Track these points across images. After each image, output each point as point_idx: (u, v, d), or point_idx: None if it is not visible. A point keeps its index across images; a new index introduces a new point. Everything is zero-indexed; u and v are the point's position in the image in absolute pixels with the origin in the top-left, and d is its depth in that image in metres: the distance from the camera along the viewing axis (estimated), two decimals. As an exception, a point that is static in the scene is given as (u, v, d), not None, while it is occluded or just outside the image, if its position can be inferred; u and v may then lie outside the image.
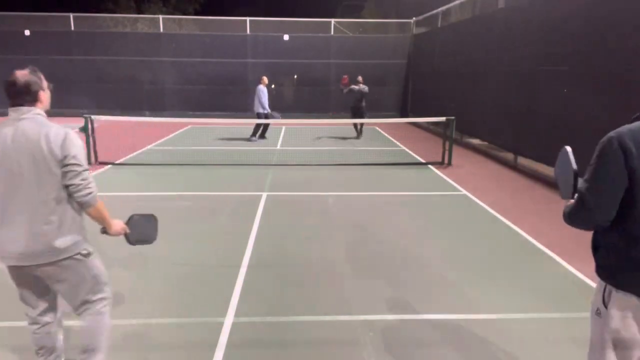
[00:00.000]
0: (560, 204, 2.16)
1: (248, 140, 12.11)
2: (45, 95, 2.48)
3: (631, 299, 1.87)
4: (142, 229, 2.71)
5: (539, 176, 8.18)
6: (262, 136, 12.35)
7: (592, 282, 4.13)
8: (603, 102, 6.52)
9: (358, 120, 12.59)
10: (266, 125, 12.30)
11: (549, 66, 7.95)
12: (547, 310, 3.62)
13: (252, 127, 12.50)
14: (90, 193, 2.36)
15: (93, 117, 9.09)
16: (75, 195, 2.32)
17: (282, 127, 14.77)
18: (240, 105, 16.49)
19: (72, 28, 17.01)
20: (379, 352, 3.07)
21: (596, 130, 6.85)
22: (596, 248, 2.07)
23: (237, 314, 3.50)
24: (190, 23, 19.72)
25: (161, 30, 17.37)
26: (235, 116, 13.98)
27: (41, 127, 2.30)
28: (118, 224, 2.62)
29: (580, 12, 7.15)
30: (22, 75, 2.42)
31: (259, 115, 11.76)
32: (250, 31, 17.18)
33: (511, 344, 3.18)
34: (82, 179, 2.32)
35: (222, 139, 12.50)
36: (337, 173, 8.49)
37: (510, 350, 3.12)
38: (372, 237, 5.17)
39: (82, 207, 2.40)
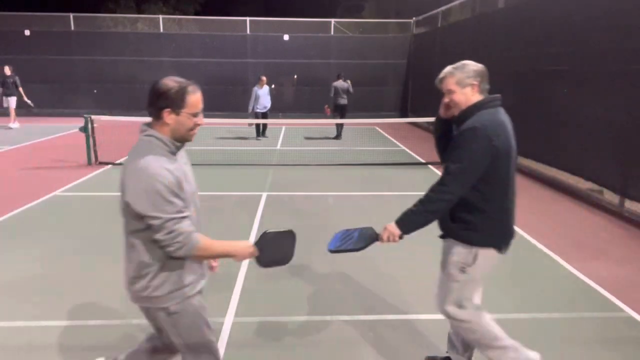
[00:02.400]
0: (561, 204, 2.17)
1: (256, 139, 12.38)
2: (171, 116, 1.89)
3: (492, 252, 2.42)
4: (276, 248, 2.23)
5: (539, 176, 8.17)
6: (259, 135, 12.53)
7: (593, 282, 4.13)
8: (603, 102, 6.52)
9: (340, 121, 12.47)
10: (260, 124, 12.43)
11: (548, 66, 7.95)
12: (547, 310, 3.62)
13: (253, 127, 12.56)
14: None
15: (93, 117, 9.09)
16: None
17: (282, 127, 14.77)
18: (240, 105, 16.44)
19: (72, 28, 17.00)
20: (379, 352, 3.07)
21: (596, 130, 6.89)
22: (459, 220, 2.40)
23: (237, 314, 3.50)
24: (190, 23, 19.71)
25: (161, 30, 17.38)
26: (235, 116, 13.96)
27: (133, 153, 1.89)
28: (244, 249, 2.04)
29: (580, 12, 7.15)
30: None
31: (256, 115, 12.05)
32: (250, 31, 17.18)
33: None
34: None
35: (222, 139, 12.51)
36: (337, 173, 8.49)
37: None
38: (372, 237, 5.16)
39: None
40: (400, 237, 2.43)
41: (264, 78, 12.12)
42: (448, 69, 2.40)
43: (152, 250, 1.89)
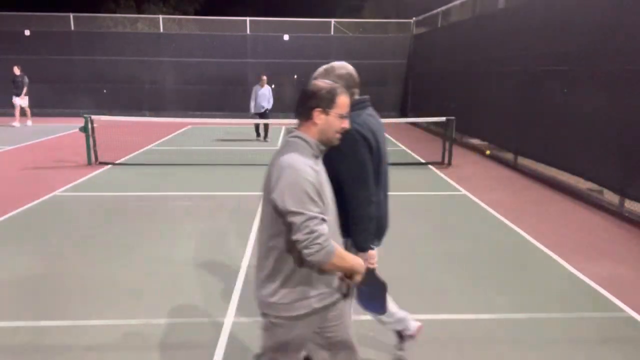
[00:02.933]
0: (561, 204, 2.17)
1: (256, 138, 12.33)
2: (321, 116, 1.88)
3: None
4: (372, 289, 2.34)
5: (539, 176, 8.17)
6: (258, 135, 12.41)
7: (592, 282, 4.13)
8: (603, 102, 6.52)
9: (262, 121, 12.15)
10: (258, 124, 12.26)
11: (549, 66, 7.95)
12: (547, 310, 3.62)
13: (252, 127, 12.52)
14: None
15: (93, 117, 9.09)
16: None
17: (282, 127, 14.78)
18: (240, 105, 16.46)
19: (72, 28, 17.01)
20: (380, 352, 3.07)
21: (596, 130, 6.89)
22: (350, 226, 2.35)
23: (237, 314, 3.50)
24: (190, 23, 19.70)
25: (161, 30, 17.38)
26: (235, 116, 13.98)
27: (279, 154, 1.87)
28: (362, 269, 1.96)
29: (580, 12, 7.15)
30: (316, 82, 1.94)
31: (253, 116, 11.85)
32: (250, 31, 17.18)
33: (511, 344, 3.18)
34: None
35: (222, 139, 12.51)
36: (337, 173, 8.48)
37: (510, 350, 3.11)
38: (372, 237, 5.15)
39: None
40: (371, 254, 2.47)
41: (264, 77, 11.82)
42: (316, 72, 2.40)
43: (288, 256, 1.85)
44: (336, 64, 2.41)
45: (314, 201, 1.74)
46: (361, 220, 2.32)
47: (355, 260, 1.91)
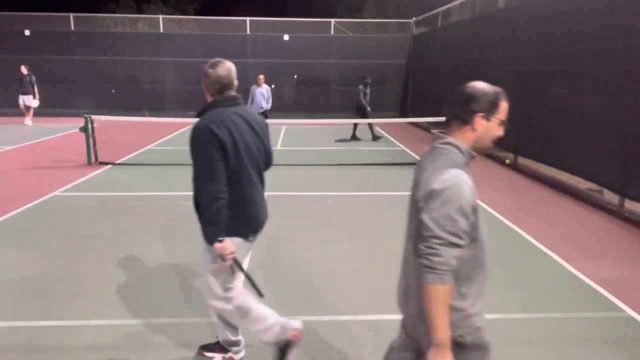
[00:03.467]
0: (561, 204, 2.16)
1: None
2: (482, 122, 1.72)
3: (238, 240, 2.56)
4: None
5: (539, 176, 8.17)
6: None
7: (592, 282, 4.13)
8: (604, 102, 6.52)
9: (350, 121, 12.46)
10: None
11: (548, 66, 7.95)
12: (547, 310, 3.62)
13: None
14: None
15: (93, 117, 9.09)
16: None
17: (282, 127, 14.78)
18: (247, 105, 16.47)
19: (72, 28, 17.01)
20: (379, 352, 3.06)
21: (596, 130, 6.88)
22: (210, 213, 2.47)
23: (237, 314, 3.50)
24: (190, 23, 19.71)
25: (161, 30, 17.38)
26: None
27: (431, 163, 1.72)
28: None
29: (580, 12, 7.15)
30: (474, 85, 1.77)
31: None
32: (250, 31, 17.18)
33: (511, 344, 3.18)
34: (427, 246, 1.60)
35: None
36: (337, 173, 8.49)
37: (510, 350, 3.11)
38: (372, 237, 5.17)
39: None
40: (225, 248, 2.50)
41: (260, 77, 11.56)
42: (206, 65, 2.53)
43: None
44: (221, 61, 2.50)
45: (452, 219, 1.58)
46: (207, 214, 2.41)
47: (446, 330, 1.61)
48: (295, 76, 17.15)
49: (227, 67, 2.50)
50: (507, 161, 9.70)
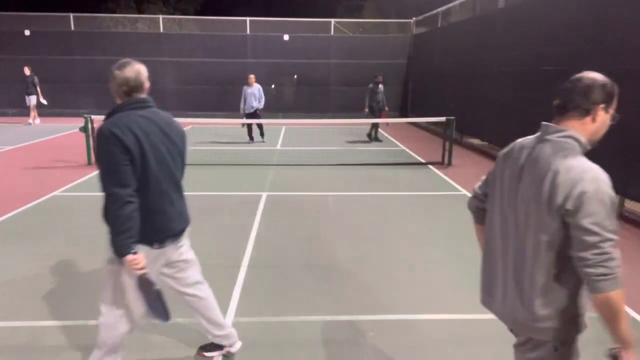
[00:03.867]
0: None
1: (248, 142, 12.02)
2: (601, 113, 1.66)
3: (145, 248, 2.44)
4: None
5: (539, 176, 8.16)
6: (251, 138, 11.98)
7: (592, 282, 4.12)
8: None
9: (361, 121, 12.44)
10: (249, 126, 11.94)
11: (548, 66, 7.95)
12: (547, 310, 3.62)
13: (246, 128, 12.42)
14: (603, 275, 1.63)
15: (93, 117, 9.09)
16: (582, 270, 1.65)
17: (282, 127, 14.78)
18: (240, 105, 16.49)
19: (72, 28, 17.01)
20: (379, 352, 3.07)
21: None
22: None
23: (237, 314, 3.50)
24: (190, 23, 19.71)
25: (161, 30, 17.37)
26: (235, 116, 13.95)
27: (555, 157, 1.63)
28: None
29: (579, 11, 7.15)
30: (588, 78, 1.68)
31: (247, 116, 11.52)
32: (250, 31, 17.18)
33: (511, 344, 3.17)
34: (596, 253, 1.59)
35: (222, 139, 12.50)
36: (337, 173, 8.49)
37: (510, 350, 3.11)
38: (372, 237, 5.17)
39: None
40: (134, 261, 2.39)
41: (251, 76, 11.53)
42: (115, 65, 2.50)
43: (566, 268, 1.65)
44: (129, 62, 2.47)
45: (611, 218, 1.55)
46: (118, 220, 2.29)
47: (630, 332, 1.59)
48: (295, 76, 17.15)
49: (136, 69, 2.42)
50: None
